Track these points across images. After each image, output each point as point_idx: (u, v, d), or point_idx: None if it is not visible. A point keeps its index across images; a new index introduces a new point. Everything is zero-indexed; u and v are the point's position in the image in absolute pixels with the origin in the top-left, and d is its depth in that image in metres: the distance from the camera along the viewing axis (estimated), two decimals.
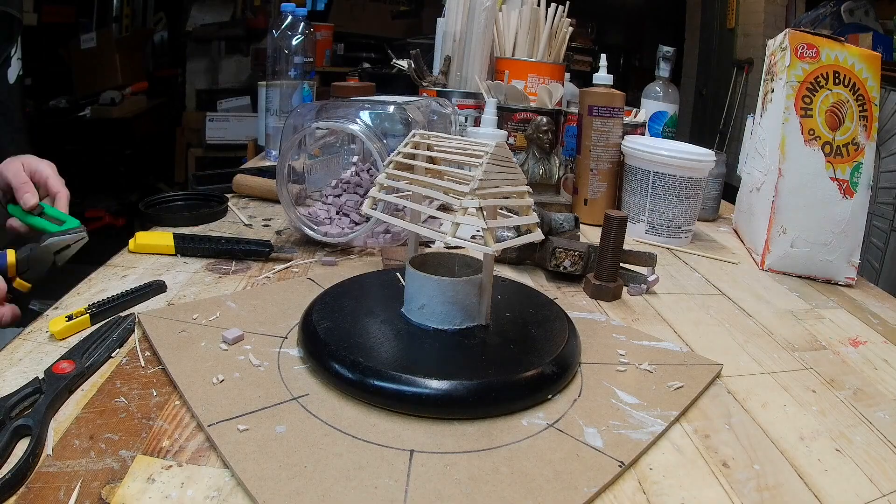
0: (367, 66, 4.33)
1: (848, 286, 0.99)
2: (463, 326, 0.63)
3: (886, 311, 0.90)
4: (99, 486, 0.43)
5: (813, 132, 0.98)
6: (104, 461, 0.45)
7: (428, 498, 0.44)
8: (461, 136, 1.23)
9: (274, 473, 0.45)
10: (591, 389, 0.60)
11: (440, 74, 1.51)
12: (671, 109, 1.55)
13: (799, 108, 0.98)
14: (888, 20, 3.18)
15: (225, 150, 4.27)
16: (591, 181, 1.19)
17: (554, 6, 1.46)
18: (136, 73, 4.64)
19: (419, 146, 0.68)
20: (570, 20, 1.48)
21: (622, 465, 0.49)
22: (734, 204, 1.26)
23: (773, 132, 1.02)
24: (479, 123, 1.27)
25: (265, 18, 4.69)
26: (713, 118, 4.71)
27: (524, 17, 1.45)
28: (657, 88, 1.56)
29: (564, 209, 1.20)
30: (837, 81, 0.97)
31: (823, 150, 0.97)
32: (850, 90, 0.97)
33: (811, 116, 0.98)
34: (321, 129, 0.96)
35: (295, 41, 1.48)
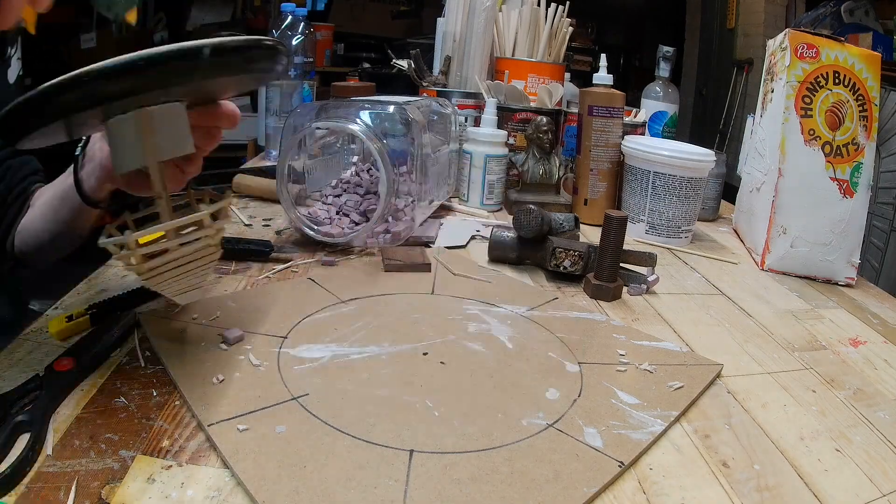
0: (367, 66, 4.33)
1: (848, 286, 0.99)
2: None
3: (886, 311, 0.90)
4: (99, 486, 0.43)
5: (813, 132, 0.98)
6: (104, 461, 0.45)
7: (428, 498, 0.44)
8: (461, 135, 1.23)
9: (274, 473, 0.45)
10: (590, 389, 0.60)
11: (440, 74, 1.51)
12: (671, 109, 1.55)
13: (799, 108, 0.98)
14: (888, 20, 3.19)
15: (224, 149, 4.25)
16: (591, 181, 1.19)
17: (554, 6, 1.46)
18: None
19: None
20: (570, 20, 1.48)
21: (622, 465, 0.49)
22: (734, 204, 1.26)
23: (773, 132, 1.02)
24: (479, 123, 1.27)
25: (265, 18, 4.69)
26: (713, 118, 4.72)
27: (524, 17, 1.45)
28: (657, 88, 1.56)
29: (564, 209, 1.20)
30: (837, 81, 0.97)
31: (823, 150, 0.97)
32: (850, 90, 0.97)
33: (811, 116, 0.98)
34: (321, 129, 0.96)
35: (295, 41, 1.48)
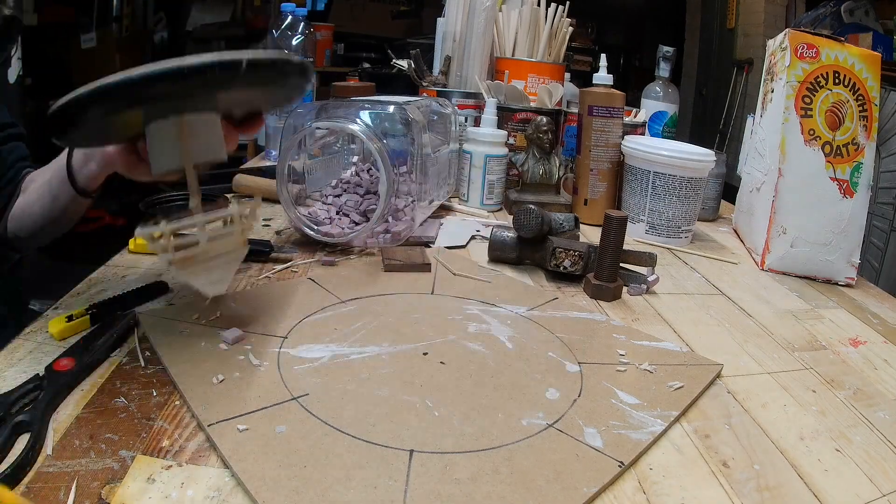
0: (367, 66, 4.33)
1: (848, 286, 0.99)
2: None
3: (886, 311, 0.90)
4: (99, 486, 0.43)
5: (813, 132, 0.98)
6: (104, 461, 0.45)
7: (428, 498, 0.44)
8: (461, 135, 1.23)
9: (273, 473, 0.45)
10: (590, 389, 0.60)
11: (440, 74, 1.51)
12: (671, 109, 1.55)
13: (799, 107, 0.98)
14: (888, 20, 3.19)
15: None
16: (591, 181, 1.19)
17: (554, 6, 1.46)
18: None
19: None
20: (570, 20, 1.48)
21: (622, 465, 0.49)
22: (734, 204, 1.26)
23: (773, 132, 1.02)
24: (479, 123, 1.27)
25: (265, 18, 4.69)
26: (713, 118, 4.71)
27: (524, 16, 1.45)
28: (657, 88, 1.56)
29: (564, 209, 1.20)
30: (837, 81, 0.97)
31: (823, 150, 0.97)
32: (850, 90, 0.97)
33: (811, 116, 0.98)
34: (321, 129, 0.96)
35: (295, 41, 1.48)
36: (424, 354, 0.64)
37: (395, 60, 1.70)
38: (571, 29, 1.49)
